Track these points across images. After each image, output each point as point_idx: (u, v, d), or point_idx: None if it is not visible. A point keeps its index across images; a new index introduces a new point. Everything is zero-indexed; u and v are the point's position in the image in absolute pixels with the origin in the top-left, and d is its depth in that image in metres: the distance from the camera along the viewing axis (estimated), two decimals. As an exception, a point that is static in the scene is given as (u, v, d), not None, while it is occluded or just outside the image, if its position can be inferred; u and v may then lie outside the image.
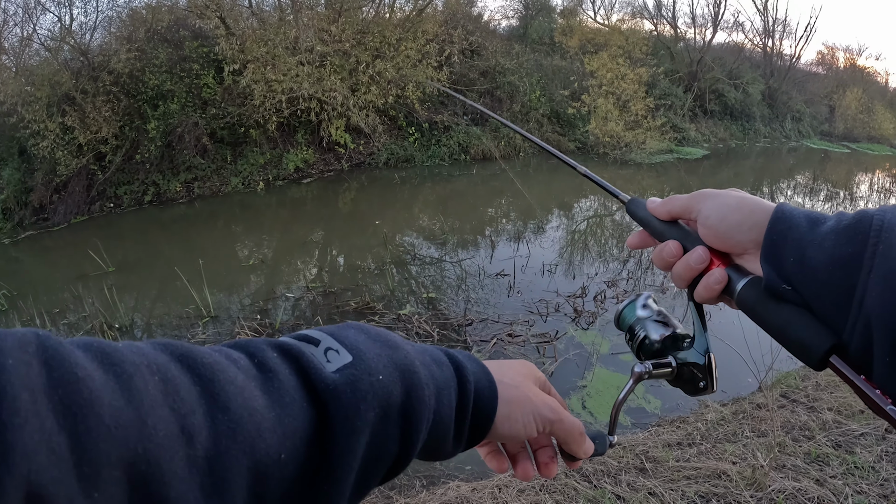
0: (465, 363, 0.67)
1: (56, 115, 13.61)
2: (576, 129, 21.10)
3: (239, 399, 0.46)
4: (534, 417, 0.71)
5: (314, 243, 11.54)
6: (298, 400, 0.50)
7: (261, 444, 0.46)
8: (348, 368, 0.54)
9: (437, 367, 0.64)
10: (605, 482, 3.55)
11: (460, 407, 0.64)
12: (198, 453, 0.42)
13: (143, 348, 0.45)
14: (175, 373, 0.44)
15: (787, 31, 46.53)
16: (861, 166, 25.91)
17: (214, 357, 0.48)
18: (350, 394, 0.52)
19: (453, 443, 0.65)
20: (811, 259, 0.63)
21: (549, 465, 0.77)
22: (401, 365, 0.58)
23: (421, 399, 0.58)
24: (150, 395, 0.41)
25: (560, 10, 29.58)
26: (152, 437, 0.39)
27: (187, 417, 0.42)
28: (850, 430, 4.06)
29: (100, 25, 16.08)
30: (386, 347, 0.59)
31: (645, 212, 0.83)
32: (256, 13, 16.01)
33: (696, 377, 0.78)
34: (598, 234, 12.04)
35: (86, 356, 0.40)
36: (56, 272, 10.33)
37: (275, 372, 0.51)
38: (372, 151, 17.63)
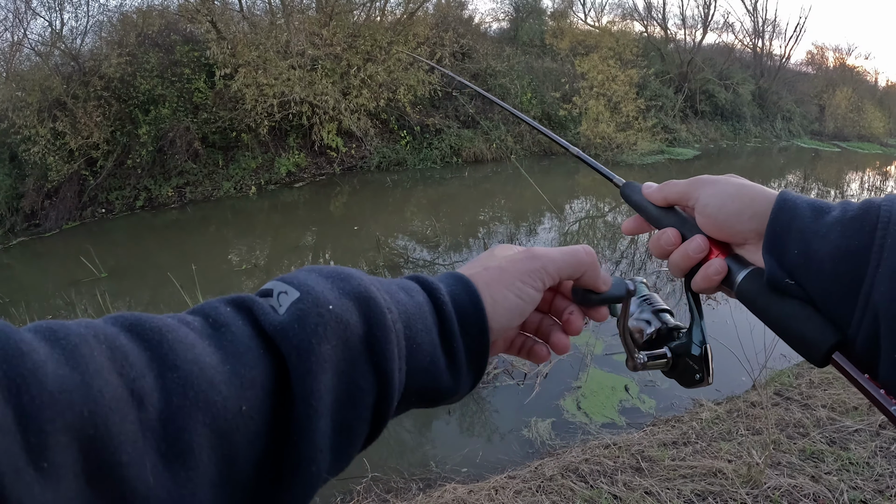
0: (438, 283, 0.63)
1: (47, 121, 13.54)
2: (567, 130, 21.11)
3: (188, 355, 0.45)
4: (520, 281, 0.66)
5: (306, 247, 11.52)
6: (253, 348, 0.48)
7: (216, 397, 0.44)
8: (295, 304, 0.51)
9: (404, 294, 0.59)
10: (602, 482, 3.55)
11: (444, 330, 0.60)
12: (150, 415, 0.41)
13: (92, 322, 0.44)
14: (123, 340, 0.43)
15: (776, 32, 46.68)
16: (851, 165, 26.01)
17: (165, 321, 0.47)
18: (298, 329, 0.49)
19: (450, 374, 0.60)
20: (816, 251, 0.62)
21: (570, 321, 0.73)
22: (354, 293, 0.54)
23: (383, 324, 0.54)
24: (95, 361, 0.40)
25: (550, 13, 29.61)
26: (98, 401, 0.38)
27: (136, 381, 0.41)
28: (845, 427, 4.07)
29: (90, 30, 16.03)
30: (337, 280, 0.55)
31: (640, 196, 0.82)
32: (247, 17, 15.99)
33: (692, 368, 0.76)
34: (591, 236, 12.05)
35: (34, 335, 0.39)
36: (48, 278, 10.28)
37: (227, 326, 0.49)
38: (364, 155, 17.62)
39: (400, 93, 16.89)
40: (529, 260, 0.68)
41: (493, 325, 0.63)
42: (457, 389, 0.62)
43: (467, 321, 0.61)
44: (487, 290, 0.64)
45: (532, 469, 3.90)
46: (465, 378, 0.62)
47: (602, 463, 3.80)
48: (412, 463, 4.51)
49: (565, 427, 4.92)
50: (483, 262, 0.70)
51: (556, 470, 3.75)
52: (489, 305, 0.63)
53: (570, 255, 0.69)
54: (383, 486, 4.08)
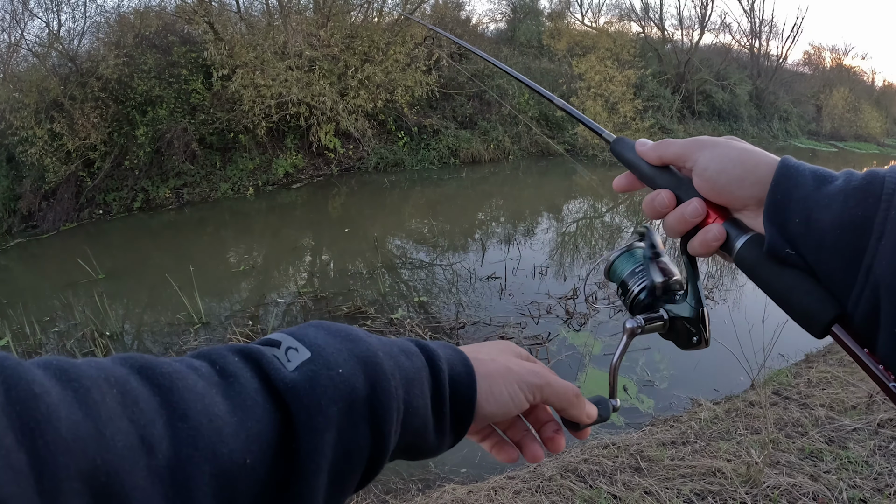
0: (437, 350, 0.65)
1: (44, 122, 13.54)
2: (564, 131, 21.13)
3: (199, 406, 0.45)
4: (518, 386, 0.68)
5: (304, 248, 11.52)
6: (261, 402, 0.49)
7: (223, 450, 0.45)
8: (307, 365, 0.53)
9: (405, 358, 0.61)
10: (601, 482, 3.55)
11: (436, 395, 0.62)
12: (159, 463, 0.42)
13: (102, 363, 0.45)
14: (134, 384, 0.44)
15: (773, 32, 46.78)
16: (848, 165, 25.46)
17: (174, 367, 0.47)
18: (309, 390, 0.51)
19: (436, 435, 0.63)
20: (818, 221, 0.61)
21: (554, 439, 0.74)
22: (362, 357, 0.56)
23: (386, 390, 0.56)
24: (107, 407, 0.40)
25: (548, 13, 29.59)
26: (111, 449, 0.39)
27: (147, 428, 0.42)
28: (843, 426, 4.08)
29: (88, 31, 16.01)
30: (346, 341, 0.58)
31: (633, 153, 0.80)
32: (245, 18, 15.98)
33: (689, 331, 0.76)
34: (588, 236, 12.06)
35: (44, 374, 0.39)
36: (45, 280, 10.28)
37: (235, 376, 0.50)
38: (361, 156, 17.61)
39: (397, 93, 16.89)
40: (535, 375, 0.70)
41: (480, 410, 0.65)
42: (439, 449, 0.65)
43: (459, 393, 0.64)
44: (486, 380, 0.66)
45: (531, 469, 3.90)
46: (447, 440, 0.65)
47: (601, 463, 3.80)
48: (411, 464, 4.49)
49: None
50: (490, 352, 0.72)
51: (555, 470, 3.75)
52: (483, 393, 0.65)
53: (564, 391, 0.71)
54: (382, 487, 4.08)
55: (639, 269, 0.81)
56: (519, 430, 0.75)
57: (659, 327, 0.78)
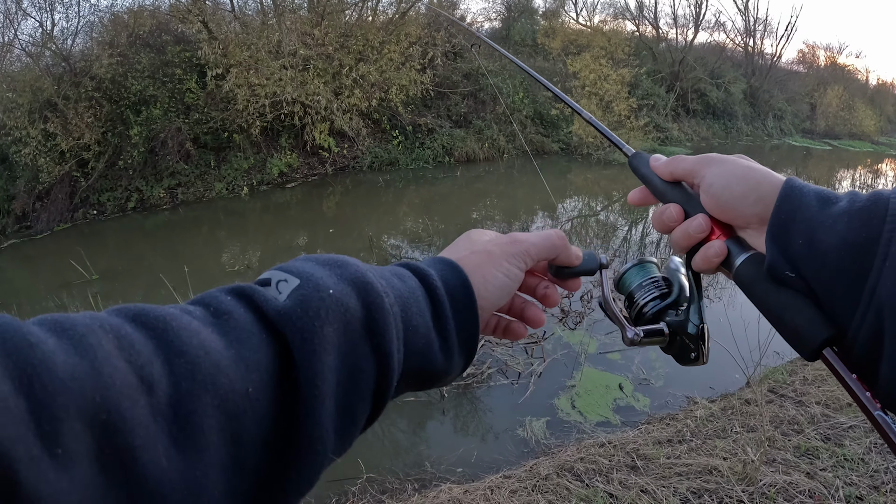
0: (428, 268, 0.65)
1: (38, 122, 13.51)
2: (559, 129, 21.16)
3: (194, 341, 0.45)
4: (507, 262, 0.70)
5: (299, 248, 11.50)
6: (257, 333, 0.49)
7: (223, 380, 0.45)
8: (297, 290, 0.53)
9: (397, 280, 0.61)
10: (598, 481, 3.55)
11: (436, 312, 0.62)
12: (160, 400, 0.42)
13: (96, 314, 0.45)
14: (129, 330, 0.44)
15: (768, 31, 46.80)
16: (843, 163, 26.14)
17: (167, 310, 0.47)
18: (301, 312, 0.51)
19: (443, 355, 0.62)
20: (821, 242, 0.60)
21: (546, 295, 0.77)
22: (352, 278, 0.56)
23: (381, 307, 0.56)
24: (104, 350, 0.40)
25: (542, 12, 29.68)
26: (109, 386, 0.39)
27: (144, 368, 0.42)
28: (839, 423, 4.08)
29: (81, 30, 15.98)
30: (334, 267, 0.58)
31: (647, 169, 0.81)
32: (239, 17, 15.95)
33: (688, 347, 0.76)
34: (583, 235, 12.07)
35: (39, 327, 0.40)
36: (39, 281, 10.25)
37: (229, 313, 0.50)
38: (356, 155, 17.60)
39: (392, 93, 16.88)
40: (513, 244, 0.72)
41: (482, 305, 0.66)
42: (450, 370, 0.64)
43: (458, 303, 0.64)
44: (477, 271, 0.67)
45: (527, 468, 3.90)
46: (457, 358, 0.64)
47: (597, 462, 3.80)
48: (407, 463, 4.50)
49: (560, 426, 4.92)
50: (466, 246, 0.74)
51: (551, 469, 3.75)
52: (480, 286, 0.66)
53: (546, 239, 0.74)
54: (378, 487, 4.08)
55: (647, 283, 0.82)
56: (517, 305, 0.78)
57: (659, 341, 0.78)
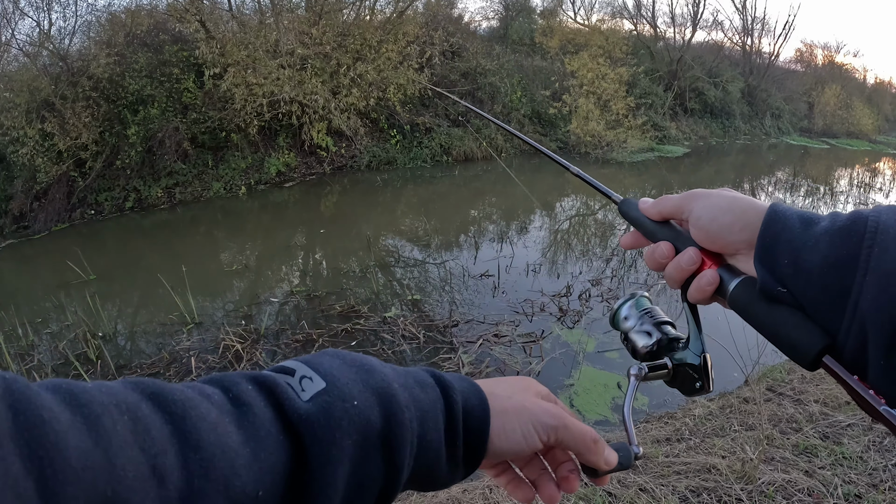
0: (452, 382, 0.64)
1: (35, 122, 13.50)
2: (557, 129, 21.17)
3: (212, 436, 0.45)
4: (533, 426, 0.67)
5: (297, 247, 11.49)
6: (274, 433, 0.49)
7: (236, 482, 0.45)
8: (321, 395, 0.53)
9: (419, 390, 0.61)
10: (596, 479, 3.55)
11: (449, 428, 0.61)
12: (170, 494, 0.41)
13: (112, 387, 0.44)
14: (145, 412, 0.43)
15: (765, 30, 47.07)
16: (840, 161, 26.15)
17: (186, 394, 0.47)
18: (324, 422, 0.51)
19: (448, 468, 0.62)
20: (805, 261, 0.63)
21: (568, 479, 0.72)
22: (377, 389, 0.56)
23: (401, 423, 0.56)
24: (118, 436, 0.40)
25: (540, 11, 29.70)
26: (122, 479, 0.38)
27: (158, 458, 0.41)
28: (837, 422, 4.08)
29: (79, 30, 15.98)
30: (361, 372, 0.57)
31: (637, 212, 0.83)
32: (236, 16, 15.95)
33: (693, 378, 0.77)
34: (582, 234, 12.08)
35: (53, 398, 0.39)
36: (37, 281, 10.22)
37: (249, 405, 0.49)
38: (354, 154, 17.60)
39: (390, 92, 16.88)
40: (551, 416, 0.68)
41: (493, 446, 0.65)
42: (450, 481, 0.64)
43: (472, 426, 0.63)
44: (501, 416, 0.65)
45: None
46: (458, 473, 0.64)
47: (596, 460, 3.79)
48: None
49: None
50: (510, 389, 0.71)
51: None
52: (497, 429, 0.65)
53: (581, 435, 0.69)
54: None
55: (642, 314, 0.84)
56: (535, 469, 0.73)
57: (664, 375, 0.80)
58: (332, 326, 6.65)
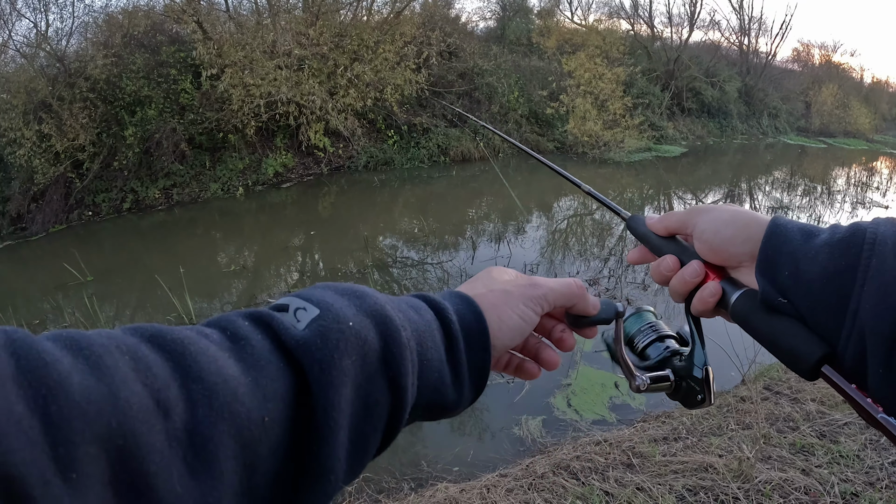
0: (444, 302, 0.66)
1: (32, 123, 13.47)
2: (554, 129, 21.16)
3: (212, 367, 0.45)
4: (524, 304, 0.70)
5: (295, 248, 11.49)
6: (274, 361, 0.50)
7: (239, 409, 0.45)
8: (316, 321, 0.53)
9: (414, 313, 0.62)
10: (593, 479, 3.56)
11: (450, 346, 0.63)
12: (176, 426, 0.42)
13: (112, 333, 0.45)
14: (145, 351, 0.44)
15: (762, 29, 46.99)
16: (838, 161, 26.15)
17: (184, 333, 0.48)
18: (321, 344, 0.51)
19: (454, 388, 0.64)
20: (805, 272, 0.64)
21: (563, 339, 0.78)
22: (371, 311, 0.57)
23: (398, 341, 0.56)
24: (121, 372, 0.40)
25: (537, 11, 29.70)
26: (126, 411, 0.39)
27: (161, 392, 0.42)
28: (834, 420, 4.09)
29: (76, 31, 15.93)
30: (354, 297, 0.58)
31: (644, 228, 0.85)
32: (234, 17, 15.94)
33: (694, 390, 0.79)
34: (579, 233, 12.08)
35: (54, 345, 0.39)
36: (35, 282, 10.21)
37: (247, 339, 0.50)
38: (351, 155, 17.60)
39: (387, 92, 16.87)
40: (532, 287, 0.73)
41: (495, 344, 0.67)
42: (459, 403, 0.66)
43: (472, 339, 0.65)
44: (493, 310, 0.68)
45: (523, 467, 3.90)
46: (466, 393, 0.66)
47: (593, 460, 3.80)
48: (403, 462, 4.49)
49: (556, 425, 4.92)
50: (485, 283, 0.74)
51: (547, 467, 3.75)
52: (494, 325, 0.67)
53: (566, 287, 0.75)
54: (375, 487, 4.07)
55: (645, 327, 0.86)
56: (532, 345, 0.78)
57: (665, 387, 0.81)
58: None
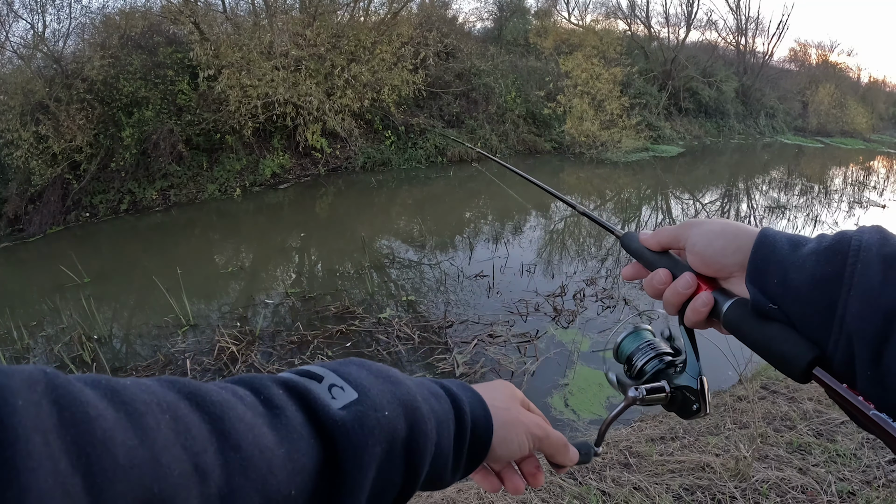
0: (460, 393, 0.71)
1: (30, 124, 13.45)
2: (552, 129, 21.18)
3: (249, 436, 0.47)
4: (525, 437, 0.76)
5: (292, 249, 11.48)
6: (306, 436, 0.51)
7: (272, 481, 0.47)
8: (355, 405, 0.56)
9: (435, 401, 0.66)
10: (591, 479, 3.56)
11: (458, 437, 0.68)
12: (211, 491, 0.42)
13: (151, 386, 0.45)
14: (185, 411, 0.44)
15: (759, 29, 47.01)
16: (835, 160, 26.20)
17: (222, 395, 0.49)
18: (359, 430, 0.54)
19: (451, 472, 0.68)
20: (794, 280, 0.66)
21: (535, 475, 0.81)
22: (404, 400, 0.61)
23: (424, 433, 0.61)
24: (162, 434, 0.41)
25: (534, 12, 29.75)
26: (167, 477, 0.39)
27: (200, 456, 0.42)
28: (831, 419, 4.09)
29: (73, 32, 15.90)
30: (388, 383, 0.61)
31: (637, 244, 0.86)
32: (231, 18, 15.93)
33: (689, 401, 0.80)
34: (576, 234, 12.07)
35: (95, 394, 0.39)
36: (32, 284, 10.18)
37: (281, 409, 0.52)
38: (348, 155, 17.59)
39: (384, 93, 16.88)
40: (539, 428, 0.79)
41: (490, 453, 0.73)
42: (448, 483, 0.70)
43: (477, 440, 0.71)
44: (503, 428, 0.74)
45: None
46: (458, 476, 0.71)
47: (591, 459, 3.79)
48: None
49: (553, 424, 4.84)
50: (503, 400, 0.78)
51: (544, 467, 3.74)
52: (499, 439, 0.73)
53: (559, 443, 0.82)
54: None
55: (643, 346, 0.88)
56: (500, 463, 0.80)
57: (661, 398, 0.82)
58: (327, 328, 6.64)
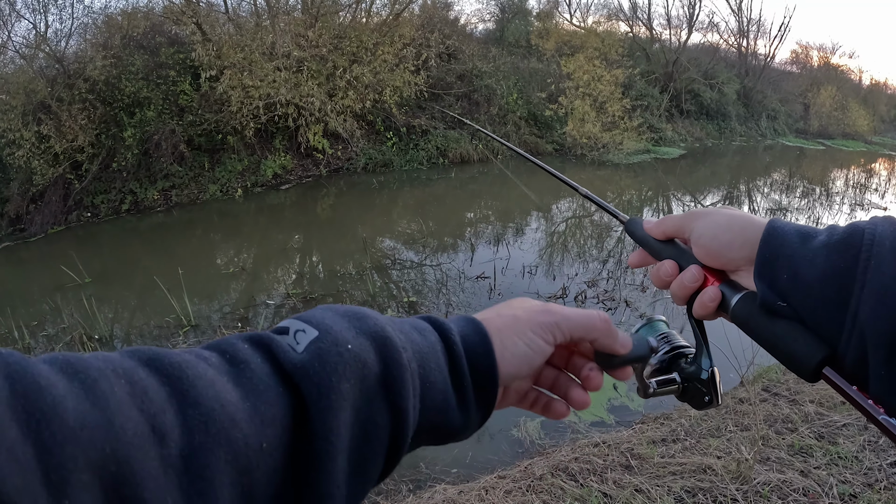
0: (448, 323, 0.64)
1: (31, 124, 13.46)
2: (553, 130, 21.17)
3: (209, 392, 0.45)
4: (532, 331, 0.66)
5: (294, 249, 11.49)
6: (273, 386, 0.49)
7: (237, 435, 0.45)
8: (314, 343, 0.52)
9: (416, 334, 0.60)
10: (592, 480, 3.55)
11: (454, 368, 0.61)
12: (171, 451, 0.41)
13: (109, 356, 0.44)
14: (142, 375, 0.43)
15: (761, 31, 47.17)
16: (836, 162, 26.18)
17: (182, 357, 0.47)
18: (318, 367, 0.50)
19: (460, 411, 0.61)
20: (804, 275, 0.64)
21: (590, 377, 0.73)
22: (370, 332, 0.55)
23: (398, 363, 0.55)
24: (116, 397, 0.40)
25: (536, 13, 29.73)
26: (120, 437, 0.38)
27: (157, 417, 0.41)
28: (833, 422, 4.09)
29: (75, 32, 15.92)
30: (354, 319, 0.57)
31: (642, 232, 0.86)
32: (233, 19, 15.94)
33: (701, 392, 0.79)
34: (577, 235, 12.07)
35: (49, 368, 0.39)
36: (33, 284, 10.19)
37: (246, 363, 0.50)
38: (350, 156, 17.59)
39: (386, 94, 16.88)
40: (544, 313, 0.68)
41: (501, 370, 0.64)
42: (466, 427, 0.63)
43: (477, 361, 0.63)
44: (498, 335, 0.65)
45: (522, 469, 3.89)
46: (473, 416, 0.63)
47: (591, 461, 3.79)
48: (402, 464, 4.38)
49: (554, 426, 4.91)
50: (498, 309, 0.71)
51: (545, 469, 3.74)
52: (498, 350, 0.64)
53: (585, 318, 0.70)
54: (373, 488, 4.06)
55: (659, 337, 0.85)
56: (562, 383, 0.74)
57: (673, 390, 0.81)
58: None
